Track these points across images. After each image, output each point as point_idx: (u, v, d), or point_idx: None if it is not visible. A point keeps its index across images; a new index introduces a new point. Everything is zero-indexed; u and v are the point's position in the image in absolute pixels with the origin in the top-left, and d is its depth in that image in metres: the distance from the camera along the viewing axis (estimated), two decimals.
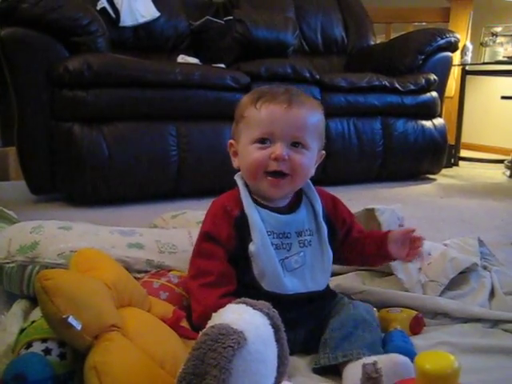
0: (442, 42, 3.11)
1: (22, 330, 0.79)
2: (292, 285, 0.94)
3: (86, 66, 2.16)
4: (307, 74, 2.71)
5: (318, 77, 2.75)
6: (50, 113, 2.23)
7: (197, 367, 0.59)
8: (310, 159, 0.98)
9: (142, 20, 2.99)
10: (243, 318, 0.64)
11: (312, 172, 1.03)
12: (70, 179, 2.25)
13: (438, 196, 2.72)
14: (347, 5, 3.66)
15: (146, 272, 1.13)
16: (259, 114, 0.94)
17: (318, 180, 3.24)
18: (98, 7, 2.86)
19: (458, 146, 3.75)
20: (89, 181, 2.22)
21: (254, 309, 0.67)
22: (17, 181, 2.75)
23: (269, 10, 3.20)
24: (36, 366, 0.70)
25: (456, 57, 3.70)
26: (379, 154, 2.92)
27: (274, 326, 0.69)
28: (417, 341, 1.05)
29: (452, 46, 3.19)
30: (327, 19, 3.55)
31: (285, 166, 0.94)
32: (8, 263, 1.14)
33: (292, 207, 1.01)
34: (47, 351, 0.74)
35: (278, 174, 0.95)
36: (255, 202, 0.98)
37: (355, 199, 2.54)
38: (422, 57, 3.09)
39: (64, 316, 0.66)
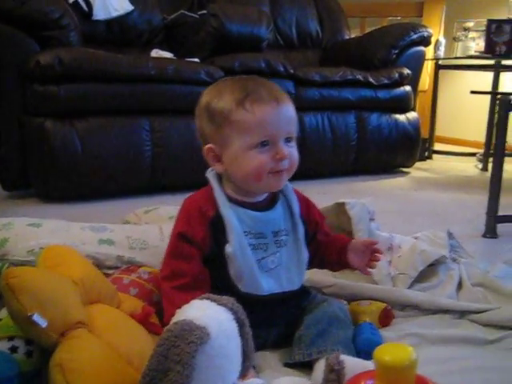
0: (415, 36, 3.14)
1: None
2: (268, 285, 0.94)
3: (57, 61, 2.13)
4: (281, 69, 2.71)
5: (292, 71, 2.75)
6: (22, 108, 2.20)
7: (160, 363, 0.60)
8: (296, 149, 0.97)
9: (115, 14, 2.95)
10: (206, 313, 0.65)
11: None
12: (42, 175, 2.23)
13: (411, 189, 2.76)
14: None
15: (116, 268, 1.13)
16: (253, 117, 0.90)
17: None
18: (71, 0, 2.82)
19: (431, 139, 3.80)
20: (62, 176, 2.20)
21: (217, 304, 0.68)
22: None
23: (244, 4, 3.19)
24: (1, 364, 0.69)
25: (429, 51, 3.74)
26: (353, 148, 2.94)
27: (238, 320, 0.70)
28: (386, 333, 1.07)
29: (425, 41, 3.22)
30: (302, 14, 3.56)
31: (287, 163, 0.94)
32: None
33: (268, 204, 1.00)
34: (14, 349, 0.73)
35: (279, 172, 0.94)
36: (230, 200, 0.96)
37: (329, 193, 2.57)
38: (396, 51, 3.12)
39: (29, 314, 0.66)
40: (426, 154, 3.71)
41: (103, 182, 2.29)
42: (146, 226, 1.30)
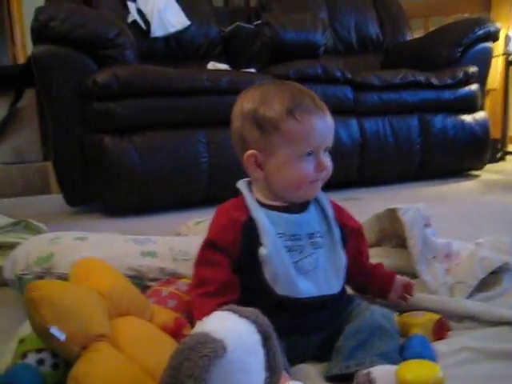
0: (480, 32, 2.99)
1: (21, 341, 0.80)
2: (306, 288, 0.91)
3: (114, 78, 2.19)
4: (338, 74, 2.66)
5: (349, 76, 2.70)
6: (82, 125, 2.29)
7: (173, 377, 0.57)
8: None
9: (172, 30, 3.02)
10: (225, 325, 0.62)
11: None
12: (102, 190, 2.29)
13: (479, 193, 2.61)
14: (381, 1, 3.59)
15: (159, 280, 1.13)
16: (304, 127, 0.90)
17: (354, 181, 3.18)
18: (129, 20, 2.92)
19: (504, 140, 3.59)
20: (121, 191, 2.26)
21: (239, 316, 0.65)
22: (57, 194, 2.83)
23: (299, 11, 3.17)
24: (26, 377, 0.70)
25: (499, 47, 3.56)
26: (417, 152, 2.83)
27: (263, 333, 0.66)
28: (439, 346, 0.99)
29: (492, 36, 3.06)
30: (361, 17, 3.50)
31: (325, 173, 0.95)
32: (26, 274, 1.16)
33: (301, 207, 0.98)
34: (41, 362, 0.74)
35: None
36: (261, 205, 0.95)
37: (392, 199, 2.48)
38: (460, 49, 2.98)
39: (48, 326, 0.66)
40: (499, 155, 3.51)
41: (162, 195, 2.33)
42: (191, 238, 1.30)
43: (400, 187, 2.76)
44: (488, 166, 3.14)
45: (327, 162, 0.94)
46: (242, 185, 1.00)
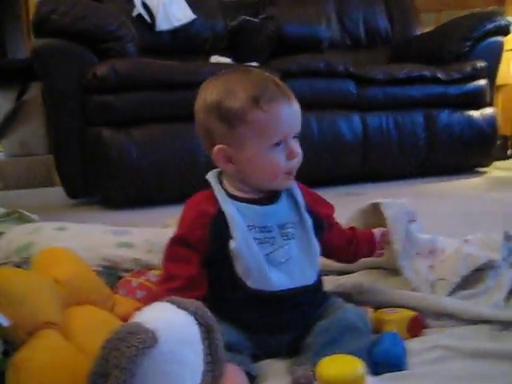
0: (490, 26, 2.93)
1: None
2: (279, 280, 0.89)
3: (113, 71, 2.20)
4: (341, 68, 2.64)
5: (352, 70, 2.66)
6: (81, 118, 2.30)
7: (102, 367, 0.57)
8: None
9: (177, 23, 3.03)
10: (160, 316, 0.61)
11: None
12: (101, 182, 2.31)
13: (484, 190, 2.56)
14: None
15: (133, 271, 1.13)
16: (270, 117, 0.88)
17: (356, 176, 3.14)
18: (134, 14, 2.93)
19: None
20: (119, 184, 2.27)
21: (178, 307, 0.64)
22: (61, 186, 2.86)
23: (307, 4, 3.14)
24: None
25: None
26: (422, 148, 2.79)
27: (204, 325, 0.65)
28: (411, 344, 0.97)
29: (503, 30, 3.00)
30: (370, 11, 3.46)
31: (296, 160, 0.93)
32: (6, 263, 1.18)
33: (271, 198, 0.96)
34: None
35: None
36: (232, 197, 0.93)
37: (395, 195, 2.42)
38: (469, 43, 2.94)
39: None
40: (510, 152, 3.44)
41: (159, 188, 2.33)
42: (168, 230, 1.29)
43: (403, 183, 2.73)
44: (498, 163, 3.08)
45: (297, 148, 0.91)
46: (211, 176, 0.97)
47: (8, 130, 3.19)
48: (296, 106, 0.92)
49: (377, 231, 1.14)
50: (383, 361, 0.88)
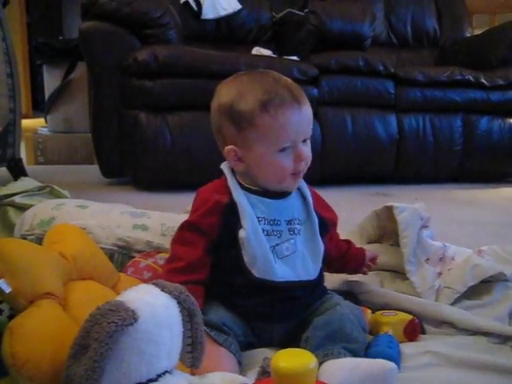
0: None
1: None
2: (283, 272, 0.93)
3: (153, 57, 2.26)
4: (381, 68, 2.61)
5: (392, 70, 2.64)
6: (120, 100, 2.37)
7: (83, 339, 0.61)
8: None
9: (223, 13, 3.06)
10: (143, 297, 0.65)
11: None
12: (135, 164, 2.38)
13: None
14: None
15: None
16: (277, 122, 0.91)
17: (389, 177, 3.11)
18: (182, 1, 2.98)
19: None
20: (151, 167, 2.34)
21: (162, 290, 0.68)
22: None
23: (354, 1, 3.12)
24: None
25: None
26: (458, 154, 2.74)
27: (187, 310, 0.69)
28: (406, 348, 0.99)
29: None
30: (419, 10, 3.39)
31: (304, 163, 0.95)
32: (29, 235, 1.25)
33: (282, 193, 0.99)
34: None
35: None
36: (244, 188, 0.97)
37: (422, 199, 2.41)
38: None
39: None
40: None
41: (190, 173, 2.38)
42: (184, 215, 1.33)
43: (435, 187, 2.69)
44: None
45: (305, 152, 0.94)
46: (225, 167, 1.01)
47: (54, 106, 3.31)
48: (306, 111, 0.94)
49: (369, 253, 1.18)
50: None
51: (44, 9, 6.60)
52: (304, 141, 0.95)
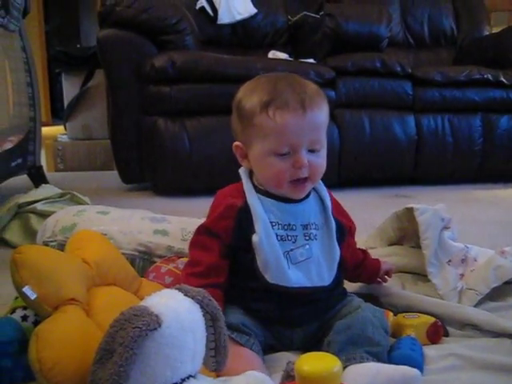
0: None
1: (15, 298, 0.89)
2: (296, 278, 0.92)
3: (170, 63, 2.28)
4: (398, 68, 2.60)
5: (409, 71, 2.62)
6: (138, 107, 2.39)
7: (108, 344, 0.62)
8: (324, 157, 0.95)
9: (238, 17, 3.07)
10: (166, 302, 0.66)
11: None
12: (154, 170, 2.40)
13: None
14: None
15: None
16: (275, 125, 0.89)
17: (408, 178, 3.09)
18: (198, 6, 3.00)
19: None
20: (171, 172, 2.35)
21: (185, 295, 0.68)
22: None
23: (369, 2, 3.11)
24: (5, 328, 0.78)
25: None
26: (477, 153, 2.71)
27: (210, 314, 0.69)
28: (429, 351, 0.98)
29: None
30: (436, 10, 3.37)
31: (307, 172, 0.92)
32: (51, 241, 1.26)
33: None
34: (24, 317, 0.82)
35: (302, 180, 0.93)
36: (260, 192, 0.96)
37: (443, 199, 2.39)
38: None
39: (23, 285, 0.73)
40: None
41: (209, 179, 2.39)
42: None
43: (455, 188, 2.66)
44: None
45: (305, 159, 0.90)
46: (242, 170, 1.01)
47: (73, 113, 3.35)
48: (312, 118, 0.90)
49: (384, 265, 1.16)
50: (401, 365, 0.89)
51: (62, 18, 6.70)
52: (312, 150, 0.92)
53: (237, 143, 0.97)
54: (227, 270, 0.94)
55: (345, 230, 1.03)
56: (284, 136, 0.89)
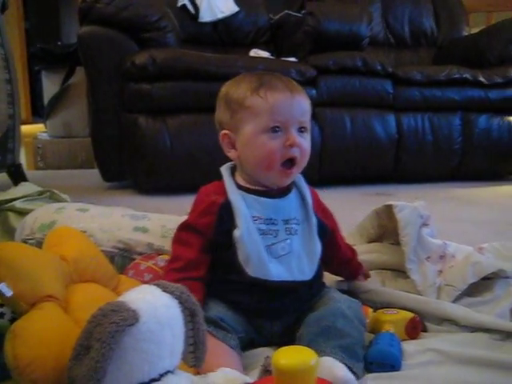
0: None
1: None
2: (277, 271, 0.93)
3: (151, 60, 2.27)
4: (379, 67, 2.62)
5: (390, 70, 2.64)
6: (119, 105, 2.37)
7: (85, 340, 0.62)
8: (310, 143, 0.99)
9: (220, 15, 3.07)
10: (144, 297, 0.65)
11: None
12: (134, 168, 2.38)
13: None
14: None
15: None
16: (267, 102, 0.93)
17: (388, 177, 3.11)
18: (179, 4, 2.99)
19: None
20: (151, 170, 2.34)
21: (163, 291, 0.68)
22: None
23: (350, 1, 3.13)
24: None
25: None
26: (457, 152, 2.75)
27: (188, 309, 0.69)
28: (407, 346, 0.99)
29: None
30: (416, 10, 3.41)
31: (298, 152, 0.95)
32: (30, 239, 1.25)
33: (280, 193, 1.00)
34: (1, 315, 0.80)
35: (291, 163, 0.95)
36: (242, 188, 0.98)
37: (423, 197, 2.42)
38: None
39: None
40: None
41: (191, 176, 2.37)
42: (185, 217, 1.34)
43: (435, 186, 2.69)
44: None
45: (297, 138, 0.94)
46: (224, 168, 1.03)
47: (53, 111, 3.32)
48: (300, 101, 0.96)
49: (364, 272, 1.22)
50: (379, 360, 0.90)
51: (42, 15, 6.62)
52: (300, 131, 0.96)
53: (224, 131, 0.99)
54: (208, 264, 0.95)
55: (326, 229, 1.04)
56: (275, 113, 0.93)
